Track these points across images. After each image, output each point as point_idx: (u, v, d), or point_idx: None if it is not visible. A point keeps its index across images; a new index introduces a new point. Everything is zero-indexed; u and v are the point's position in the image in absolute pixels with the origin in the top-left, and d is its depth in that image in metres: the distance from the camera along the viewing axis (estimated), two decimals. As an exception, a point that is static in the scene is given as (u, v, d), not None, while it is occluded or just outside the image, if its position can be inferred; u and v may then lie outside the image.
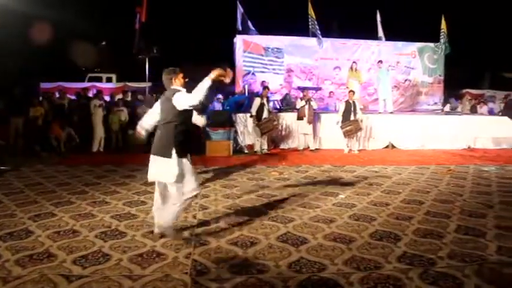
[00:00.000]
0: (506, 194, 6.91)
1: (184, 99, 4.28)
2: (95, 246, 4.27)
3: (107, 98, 13.71)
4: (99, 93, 12.21)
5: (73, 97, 13.76)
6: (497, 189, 7.23)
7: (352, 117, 11.41)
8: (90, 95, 13.92)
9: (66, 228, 4.83)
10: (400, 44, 16.31)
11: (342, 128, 11.40)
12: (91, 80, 21.50)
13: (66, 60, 23.66)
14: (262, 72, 14.89)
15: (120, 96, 14.08)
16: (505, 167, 9.69)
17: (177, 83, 4.52)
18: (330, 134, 12.14)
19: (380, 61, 14.32)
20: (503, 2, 24.73)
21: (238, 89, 14.58)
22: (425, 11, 20.34)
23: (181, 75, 4.56)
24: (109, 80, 22.18)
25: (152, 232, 4.59)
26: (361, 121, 11.70)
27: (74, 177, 7.77)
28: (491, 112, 15.80)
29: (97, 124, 11.21)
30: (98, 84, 20.00)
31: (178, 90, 4.39)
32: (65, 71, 22.78)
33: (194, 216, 5.38)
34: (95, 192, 6.62)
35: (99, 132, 11.25)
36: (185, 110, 4.35)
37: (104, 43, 28.46)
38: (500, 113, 14.90)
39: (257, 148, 11.17)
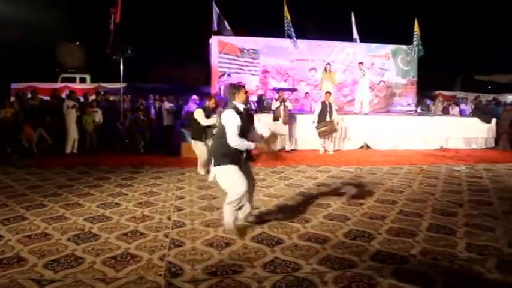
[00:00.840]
0: (475, 192, 7.09)
1: (226, 126, 4.61)
2: (67, 250, 4.20)
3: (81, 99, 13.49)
4: (72, 94, 12.00)
5: (45, 97, 13.49)
6: (467, 188, 7.41)
7: (327, 118, 11.50)
8: (63, 95, 13.66)
9: (38, 231, 4.73)
10: (374, 46, 16.52)
11: (317, 128, 11.48)
12: (64, 80, 21.10)
13: (38, 60, 23.21)
14: (238, 73, 14.88)
15: (93, 97, 13.90)
16: (475, 166, 9.93)
17: (240, 99, 4.72)
18: (305, 134, 12.22)
19: (361, 63, 14.46)
20: (475, 7, 25.38)
21: (213, 90, 14.54)
22: (399, 13, 20.65)
23: (243, 91, 4.80)
24: (83, 80, 21.82)
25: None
26: (337, 123, 11.83)
27: (46, 179, 7.62)
28: (462, 113, 16.15)
29: (70, 125, 11.03)
30: (71, 85, 19.62)
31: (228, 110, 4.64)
32: (37, 71, 22.31)
33: (169, 218, 5.34)
34: (67, 194, 6.50)
35: (73, 133, 11.07)
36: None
37: (77, 43, 28.02)
38: (471, 114, 15.25)
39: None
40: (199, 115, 8.07)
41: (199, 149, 8.31)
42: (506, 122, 13.65)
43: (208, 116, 8.12)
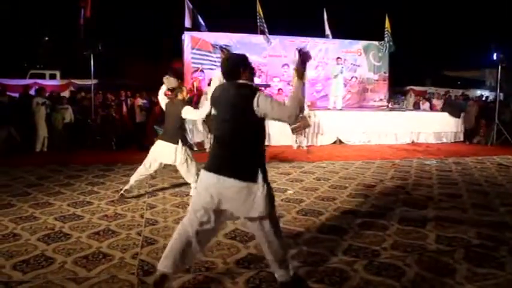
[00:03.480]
0: (445, 186, 7.26)
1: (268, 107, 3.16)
2: (37, 250, 4.11)
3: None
4: (41, 91, 11.71)
5: (14, 94, 13.15)
6: (437, 182, 7.58)
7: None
8: (32, 92, 13.35)
9: (6, 232, 4.61)
10: (346, 41, 16.69)
11: (290, 124, 11.50)
12: (33, 76, 20.61)
13: (5, 56, 22.62)
14: (211, 69, 14.77)
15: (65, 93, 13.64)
16: (445, 160, 10.16)
17: (245, 77, 3.23)
18: (278, 130, 12.25)
19: (339, 58, 14.54)
20: (444, 5, 25.93)
21: (187, 86, 14.44)
22: (370, 10, 20.91)
23: (250, 67, 3.31)
24: (53, 76, 21.37)
25: None
26: (309, 117, 11.90)
27: (15, 178, 7.42)
28: (433, 108, 16.48)
29: (40, 123, 10.77)
30: (40, 81, 19.18)
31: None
32: (4, 67, 21.76)
33: (142, 216, 5.29)
34: (37, 193, 6.35)
35: (42, 131, 10.82)
36: None
37: (46, 38, 27.44)
38: (441, 109, 15.58)
39: (207, 146, 11.11)
40: (190, 113, 6.06)
41: (166, 156, 6.12)
42: (471, 116, 14.02)
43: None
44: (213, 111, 3.24)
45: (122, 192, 6.12)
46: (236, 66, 3.18)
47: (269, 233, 3.16)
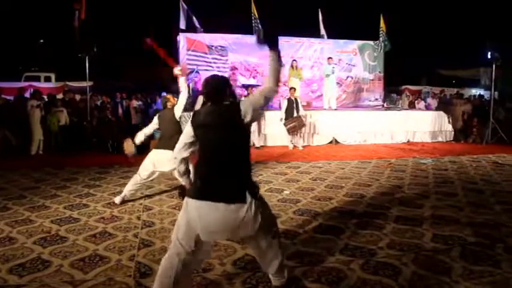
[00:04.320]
0: (440, 184, 7.28)
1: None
2: (33, 253, 4.10)
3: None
4: (36, 93, 11.68)
5: (8, 97, 13.11)
6: (433, 181, 7.60)
7: (295, 114, 11.59)
8: (27, 95, 13.30)
9: (1, 235, 4.60)
10: (341, 41, 16.72)
11: (285, 125, 11.54)
12: (28, 79, 20.54)
13: (0, 58, 22.55)
14: (207, 70, 14.77)
15: (61, 95, 13.58)
16: (440, 159, 10.19)
17: None
18: (274, 131, 12.27)
19: (330, 58, 14.56)
20: (439, 4, 26.04)
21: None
22: (365, 10, 20.98)
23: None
24: (47, 79, 21.30)
25: None
26: (305, 117, 11.93)
27: (11, 181, 7.40)
28: (428, 107, 16.52)
29: (35, 125, 10.72)
30: (35, 83, 19.11)
31: None
32: (-1, 70, 21.72)
33: (138, 218, 5.28)
34: (33, 196, 6.34)
35: (38, 134, 10.77)
36: None
37: (41, 41, 27.35)
38: (436, 108, 15.62)
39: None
40: (179, 104, 6.14)
41: (165, 164, 5.85)
42: (458, 116, 14.03)
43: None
44: (193, 136, 3.06)
45: (115, 201, 5.97)
46: (222, 86, 3.06)
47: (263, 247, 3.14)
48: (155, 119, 6.22)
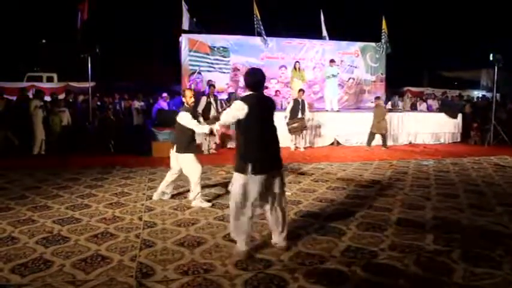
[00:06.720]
0: (442, 186, 7.28)
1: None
2: (35, 253, 4.12)
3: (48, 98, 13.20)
4: (39, 94, 11.71)
5: (11, 97, 13.14)
6: (434, 182, 7.60)
7: (299, 115, 11.61)
8: (30, 95, 13.34)
9: (4, 235, 4.62)
10: (343, 43, 16.71)
11: (288, 124, 11.55)
12: (30, 79, 20.59)
13: (2, 58, 22.60)
14: (209, 71, 14.81)
15: (63, 96, 13.61)
16: (442, 161, 10.19)
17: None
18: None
19: (332, 60, 14.55)
20: (441, 6, 26.03)
21: (184, 88, 14.44)
22: (367, 11, 20.99)
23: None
24: (50, 79, 21.34)
25: None
26: (308, 120, 11.96)
27: (13, 181, 7.42)
28: (430, 109, 16.51)
29: (37, 126, 10.74)
30: (37, 84, 19.16)
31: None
32: (1, 70, 21.74)
33: (140, 218, 5.29)
34: (35, 196, 6.36)
35: (40, 134, 10.80)
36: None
37: (43, 41, 27.40)
38: (438, 110, 15.61)
39: (204, 148, 11.11)
40: (187, 119, 5.84)
41: (190, 165, 5.95)
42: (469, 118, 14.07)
43: (196, 117, 6.08)
44: (247, 115, 4.01)
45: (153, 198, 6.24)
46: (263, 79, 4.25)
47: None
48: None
